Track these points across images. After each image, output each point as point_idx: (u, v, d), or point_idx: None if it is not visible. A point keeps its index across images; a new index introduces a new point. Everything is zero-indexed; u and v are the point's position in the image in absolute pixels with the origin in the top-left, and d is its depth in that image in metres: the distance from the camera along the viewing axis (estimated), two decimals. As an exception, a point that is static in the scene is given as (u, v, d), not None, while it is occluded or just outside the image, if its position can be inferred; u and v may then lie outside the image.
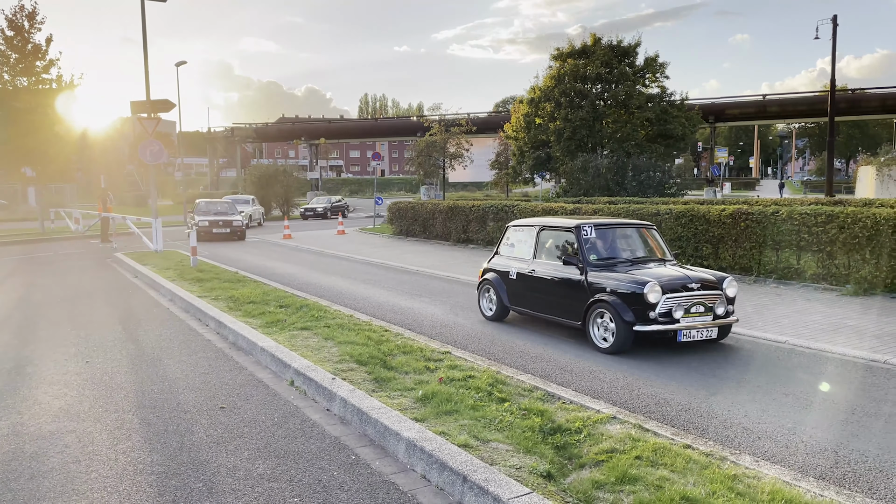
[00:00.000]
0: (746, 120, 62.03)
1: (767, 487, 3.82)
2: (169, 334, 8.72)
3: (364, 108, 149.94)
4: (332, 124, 77.11)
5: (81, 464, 4.54)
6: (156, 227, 18.84)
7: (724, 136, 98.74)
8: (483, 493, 3.72)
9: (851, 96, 49.41)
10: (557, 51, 29.85)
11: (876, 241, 10.43)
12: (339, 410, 5.42)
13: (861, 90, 51.62)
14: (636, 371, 6.73)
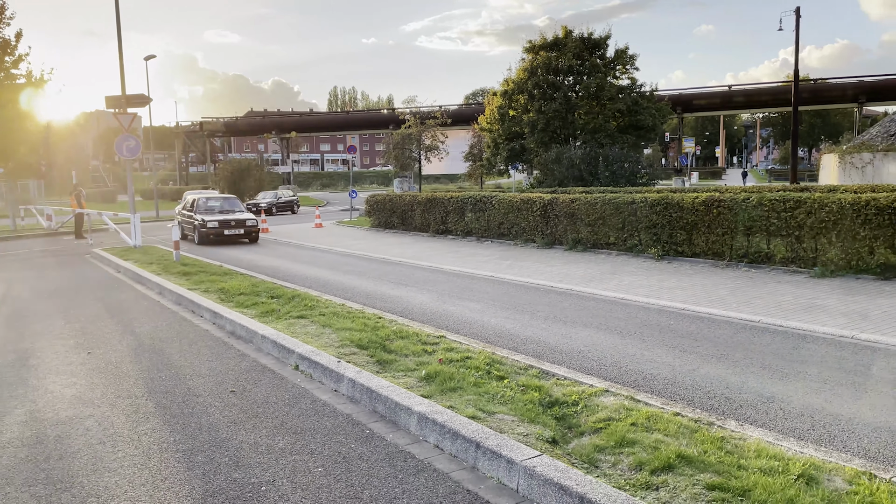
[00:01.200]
0: (713, 110, 63.22)
1: (752, 446, 4.19)
2: (165, 325, 8.89)
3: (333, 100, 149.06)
4: (304, 118, 76.70)
5: (106, 445, 4.75)
6: (134, 222, 18.82)
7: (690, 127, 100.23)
8: (496, 457, 4.03)
9: (814, 86, 50.70)
10: (530, 43, 30.23)
11: (841, 225, 10.96)
12: (348, 390, 5.69)
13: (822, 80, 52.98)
14: (622, 350, 7.09)
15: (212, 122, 74.51)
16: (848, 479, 3.72)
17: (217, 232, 20.03)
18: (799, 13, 33.76)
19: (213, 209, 21.39)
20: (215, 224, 20.07)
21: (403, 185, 57.24)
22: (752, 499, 3.41)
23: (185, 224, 21.93)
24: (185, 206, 22.67)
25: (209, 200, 22.18)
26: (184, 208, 22.62)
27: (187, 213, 22.04)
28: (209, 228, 20.05)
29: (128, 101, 19.04)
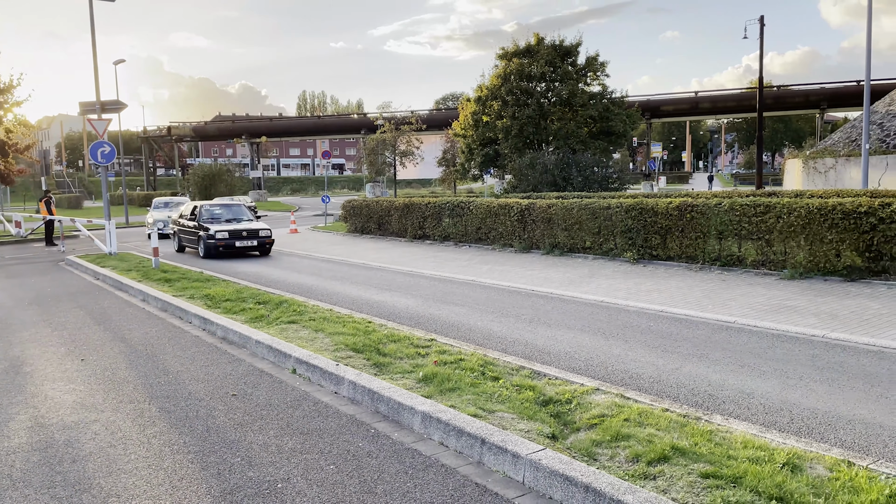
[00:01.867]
0: (680, 116, 64.46)
1: (739, 438, 4.47)
2: (154, 332, 8.95)
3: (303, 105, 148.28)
4: (274, 122, 76.27)
5: (117, 448, 4.87)
6: (109, 229, 18.67)
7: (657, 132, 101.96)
8: (502, 452, 4.25)
9: (777, 92, 52.02)
10: (503, 50, 30.65)
11: (809, 229, 11.42)
12: (348, 392, 5.87)
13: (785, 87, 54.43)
14: (607, 351, 7.37)
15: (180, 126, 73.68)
16: (829, 466, 4.01)
17: (227, 244, 17.48)
18: (763, 21, 34.73)
19: (220, 218, 18.81)
20: (225, 235, 17.45)
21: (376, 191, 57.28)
22: (744, 485, 3.67)
23: (185, 235, 19.39)
24: (184, 214, 19.98)
25: (214, 208, 19.69)
26: (183, 217, 19.98)
27: (189, 222, 19.08)
28: (218, 240, 17.45)
29: (103, 107, 18.91)
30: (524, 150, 28.76)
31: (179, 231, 19.97)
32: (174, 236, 18.12)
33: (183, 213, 20.36)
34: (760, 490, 3.60)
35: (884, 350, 7.07)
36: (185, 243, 19.64)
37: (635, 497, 3.54)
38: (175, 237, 19.76)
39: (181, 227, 19.83)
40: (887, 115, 27.36)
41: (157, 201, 27.79)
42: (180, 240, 19.88)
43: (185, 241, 19.64)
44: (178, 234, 20.03)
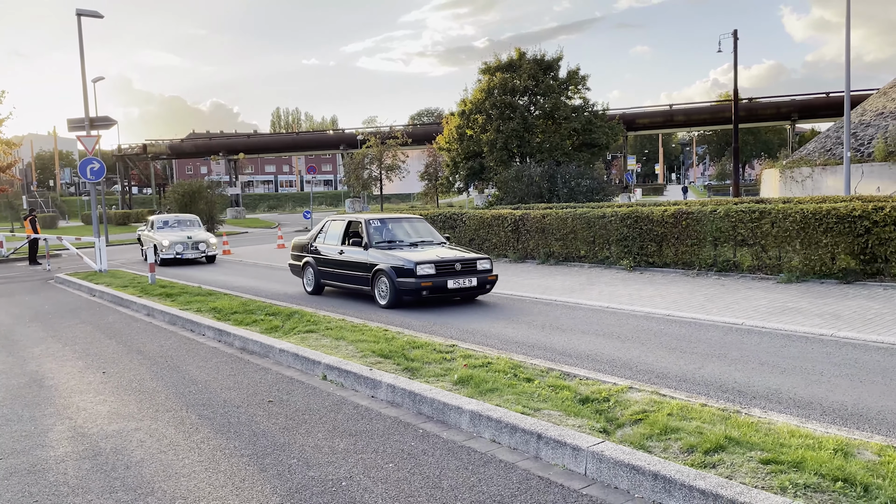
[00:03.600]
0: (655, 129, 65.46)
1: (784, 429, 4.62)
2: (170, 344, 8.91)
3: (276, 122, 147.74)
4: (251, 139, 75.89)
5: (168, 454, 4.87)
6: (100, 246, 18.49)
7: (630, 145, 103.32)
8: (560, 446, 4.35)
9: (750, 105, 53.08)
10: (486, 65, 31.02)
11: (804, 233, 11.73)
12: (387, 396, 5.93)
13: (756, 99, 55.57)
14: (626, 353, 7.51)
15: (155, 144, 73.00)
16: (876, 451, 4.18)
17: (436, 285, 10.82)
18: (737, 35, 35.57)
19: (401, 241, 12.13)
20: (429, 270, 10.82)
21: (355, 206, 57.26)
22: (806, 469, 3.82)
23: (335, 269, 12.55)
24: (328, 234, 13.21)
25: (388, 224, 12.64)
26: (325, 239, 13.18)
27: (343, 248, 12.43)
28: (421, 278, 10.72)
29: (91, 124, 18.77)
30: (509, 163, 29.05)
31: (318, 262, 13.00)
32: (306, 269, 12.78)
33: (326, 231, 13.26)
34: (823, 473, 3.75)
35: (893, 346, 7.31)
36: (336, 281, 12.56)
37: (707, 482, 3.66)
38: (309, 271, 13.19)
39: (322, 258, 12.89)
40: (860, 124, 28.17)
41: (158, 219, 22.52)
42: (320, 275, 12.94)
43: (334, 279, 12.63)
44: (316, 266, 13.01)
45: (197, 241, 20.83)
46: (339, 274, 12.42)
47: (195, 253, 20.78)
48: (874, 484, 3.63)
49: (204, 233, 22.17)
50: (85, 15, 18.99)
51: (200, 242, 20.89)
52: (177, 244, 20.60)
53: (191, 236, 20.97)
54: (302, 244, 13.86)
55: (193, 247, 20.77)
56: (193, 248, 20.77)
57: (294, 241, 14.64)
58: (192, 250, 20.76)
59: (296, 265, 13.89)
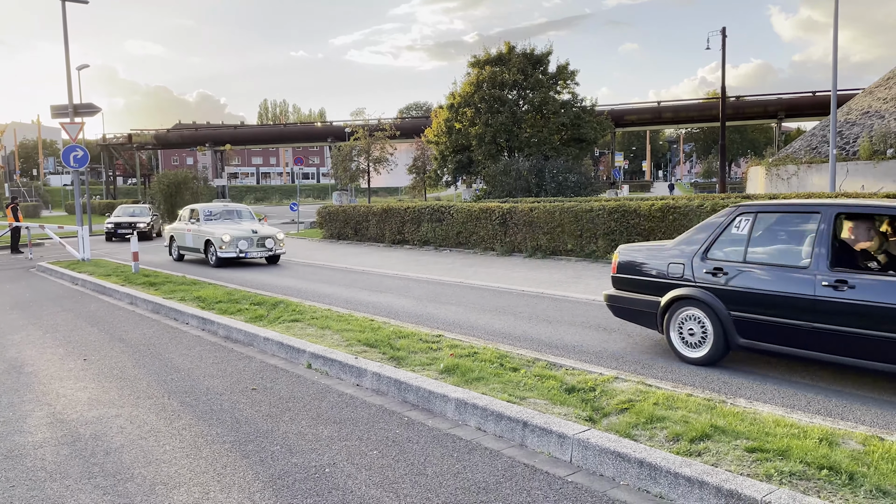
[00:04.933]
0: (643, 125, 65.61)
1: (769, 418, 4.62)
2: (152, 332, 8.80)
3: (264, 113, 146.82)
4: (238, 130, 75.41)
5: (149, 440, 4.80)
6: (83, 235, 18.27)
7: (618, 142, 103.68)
8: (546, 434, 4.33)
9: (737, 103, 53.33)
10: (475, 58, 30.95)
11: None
12: (372, 384, 5.88)
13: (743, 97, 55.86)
14: (612, 345, 7.51)
15: (141, 134, 72.36)
16: (861, 441, 4.18)
17: None
18: (724, 33, 35.69)
19: None
20: None
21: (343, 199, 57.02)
22: (791, 457, 3.81)
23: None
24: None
25: None
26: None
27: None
28: None
29: (75, 111, 18.52)
30: (497, 157, 29.04)
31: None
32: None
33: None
34: (809, 461, 3.74)
35: None
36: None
37: (692, 470, 3.64)
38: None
39: None
40: (846, 123, 28.36)
41: (203, 209, 17.93)
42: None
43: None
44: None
45: (264, 237, 16.60)
46: None
47: (261, 251, 16.63)
48: (859, 472, 3.63)
49: (269, 226, 18.37)
50: (69, 0, 18.71)
51: (268, 238, 16.66)
52: (240, 240, 16.28)
53: (256, 230, 16.69)
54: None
55: (260, 244, 16.56)
56: (260, 246, 16.57)
57: None
58: (259, 248, 16.59)
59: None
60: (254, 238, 16.54)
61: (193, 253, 17.71)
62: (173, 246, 18.63)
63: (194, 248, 17.47)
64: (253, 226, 17.38)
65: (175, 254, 18.55)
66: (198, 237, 17.17)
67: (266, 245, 16.66)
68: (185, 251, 18.26)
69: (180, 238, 18.20)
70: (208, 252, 16.80)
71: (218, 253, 16.20)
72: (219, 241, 16.24)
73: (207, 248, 16.81)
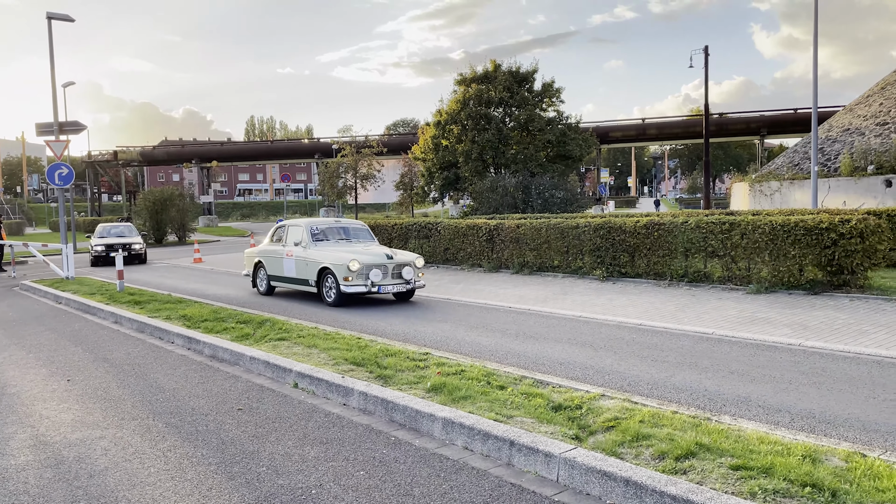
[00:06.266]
0: (628, 142, 66.32)
1: (754, 435, 4.66)
2: (137, 352, 8.74)
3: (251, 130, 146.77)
4: (225, 147, 75.33)
5: (133, 462, 4.76)
6: (67, 253, 18.14)
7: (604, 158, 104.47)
8: (533, 453, 4.34)
9: (720, 120, 54.05)
10: (461, 76, 31.15)
11: (773, 245, 11.91)
12: (359, 403, 5.87)
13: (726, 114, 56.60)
14: (599, 361, 7.54)
15: (126, 150, 72.07)
16: (843, 458, 4.22)
17: None
18: (707, 51, 36.19)
19: None
20: None
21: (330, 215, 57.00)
22: (775, 475, 3.84)
23: None
24: None
25: None
26: None
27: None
28: None
29: (61, 128, 18.47)
30: (484, 174, 29.16)
31: None
32: None
33: None
34: (792, 479, 3.78)
35: (859, 356, 7.43)
36: None
37: (678, 488, 3.67)
38: None
39: None
40: (827, 140, 28.76)
41: (309, 226, 13.60)
42: None
43: None
44: None
45: (401, 265, 12.30)
46: None
47: (397, 284, 12.23)
48: (841, 489, 3.67)
49: (406, 252, 13.48)
50: (55, 18, 18.72)
51: (405, 267, 12.31)
52: (372, 268, 11.93)
53: (391, 255, 12.39)
54: None
55: (396, 273, 12.25)
56: (396, 277, 12.25)
57: None
58: (395, 280, 12.23)
59: None
60: (389, 266, 12.17)
61: (292, 285, 13.55)
62: (260, 275, 14.38)
63: (298, 280, 13.25)
64: (381, 248, 13.20)
65: (263, 285, 14.28)
66: (305, 265, 12.90)
67: (403, 276, 12.25)
68: (279, 282, 13.96)
69: (274, 265, 13.89)
70: (323, 285, 12.49)
71: (342, 286, 11.84)
72: (343, 271, 11.85)
73: (322, 279, 12.49)
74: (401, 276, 12.29)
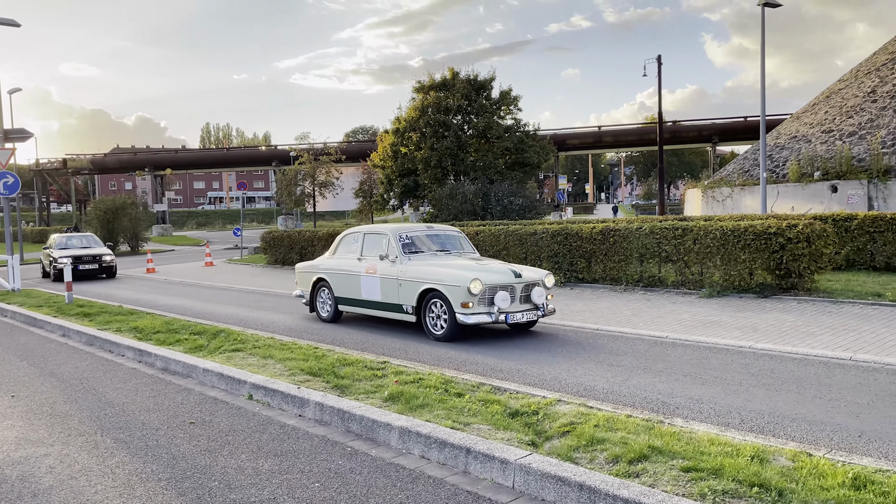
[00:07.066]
0: (585, 149, 67.20)
1: (704, 437, 4.74)
2: (85, 366, 8.51)
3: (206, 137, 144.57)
4: (180, 154, 74.02)
5: (80, 480, 4.62)
6: (13, 264, 17.58)
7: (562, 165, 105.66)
8: (489, 460, 4.34)
9: (674, 127, 55.17)
10: (419, 83, 31.25)
11: (724, 250, 12.19)
12: (315, 414, 5.80)
13: (679, 122, 57.83)
14: (555, 366, 7.60)
15: (76, 158, 70.32)
16: (790, 457, 4.33)
17: None
18: (660, 61, 36.96)
19: None
20: None
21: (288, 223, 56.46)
22: (724, 476, 3.92)
23: None
24: None
25: None
26: None
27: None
28: None
29: (6, 136, 17.91)
30: (443, 181, 29.25)
31: None
32: None
33: None
34: (741, 479, 3.86)
35: (807, 357, 7.63)
36: None
37: (630, 491, 3.71)
38: None
39: None
40: (776, 147, 29.59)
41: (401, 234, 10.52)
42: None
43: None
44: None
45: (530, 285, 9.40)
46: None
47: (528, 311, 9.31)
48: (788, 488, 3.75)
49: (529, 267, 10.36)
50: (0, 23, 18.17)
51: (535, 287, 9.40)
52: (497, 290, 9.07)
53: (518, 273, 9.49)
54: None
55: (524, 296, 9.39)
56: (525, 301, 9.39)
57: None
58: (524, 305, 9.37)
59: None
60: (517, 287, 9.26)
61: (374, 311, 10.45)
62: (322, 295, 11.38)
63: (385, 305, 10.14)
64: (500, 263, 10.46)
65: (327, 310, 11.28)
66: (398, 285, 9.83)
67: (533, 299, 9.32)
68: (352, 307, 10.89)
69: (346, 284, 10.82)
70: (426, 313, 9.46)
71: (458, 314, 8.89)
72: (460, 294, 8.88)
73: (425, 305, 9.47)
74: (529, 299, 9.38)
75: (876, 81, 26.33)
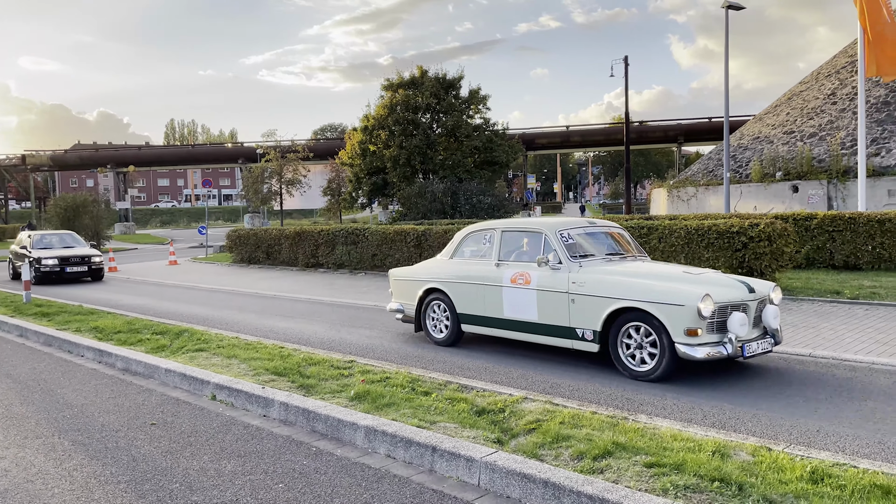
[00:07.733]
0: (553, 149, 67.67)
1: (667, 433, 4.80)
2: (43, 367, 8.30)
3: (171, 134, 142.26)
4: (143, 151, 72.74)
5: (36, 483, 4.50)
6: (-31, 262, 17.08)
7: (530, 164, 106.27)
8: (454, 458, 4.34)
9: (640, 127, 55.82)
10: (388, 81, 31.14)
11: (688, 248, 12.36)
12: (280, 414, 5.73)
13: (644, 122, 58.56)
14: (524, 366, 7.63)
15: (35, 155, 68.64)
16: (750, 452, 4.39)
17: None
18: (627, 62, 37.36)
19: None
20: None
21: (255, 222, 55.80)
22: (687, 471, 3.96)
23: None
24: None
25: None
26: None
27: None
28: None
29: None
30: (412, 179, 29.22)
31: None
32: None
33: None
34: (702, 474, 3.91)
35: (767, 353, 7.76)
36: None
37: (594, 487, 3.73)
38: None
39: None
40: (739, 148, 30.13)
41: (561, 231, 7.82)
42: None
43: None
44: None
45: (761, 301, 7.02)
46: None
47: (764, 341, 6.91)
48: (748, 483, 3.81)
49: (753, 280, 7.39)
50: (-46, 14, 17.63)
51: (768, 307, 7.03)
52: (729, 309, 6.65)
53: (752, 288, 7.03)
54: None
55: (756, 318, 6.96)
56: (756, 324, 6.99)
57: None
58: (755, 331, 6.99)
59: None
60: (751, 306, 6.88)
61: (522, 334, 7.95)
62: (435, 312, 9.02)
63: (544, 327, 7.67)
64: (721, 274, 7.54)
65: (442, 329, 8.94)
66: (570, 302, 7.35)
67: (766, 321, 6.99)
68: (485, 327, 8.44)
69: (477, 296, 8.40)
70: (619, 341, 6.98)
71: (680, 345, 6.48)
72: (686, 317, 6.45)
73: (617, 331, 6.99)
74: (760, 321, 7.01)
75: (836, 84, 26.95)
